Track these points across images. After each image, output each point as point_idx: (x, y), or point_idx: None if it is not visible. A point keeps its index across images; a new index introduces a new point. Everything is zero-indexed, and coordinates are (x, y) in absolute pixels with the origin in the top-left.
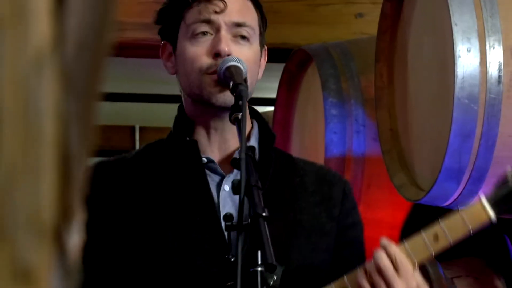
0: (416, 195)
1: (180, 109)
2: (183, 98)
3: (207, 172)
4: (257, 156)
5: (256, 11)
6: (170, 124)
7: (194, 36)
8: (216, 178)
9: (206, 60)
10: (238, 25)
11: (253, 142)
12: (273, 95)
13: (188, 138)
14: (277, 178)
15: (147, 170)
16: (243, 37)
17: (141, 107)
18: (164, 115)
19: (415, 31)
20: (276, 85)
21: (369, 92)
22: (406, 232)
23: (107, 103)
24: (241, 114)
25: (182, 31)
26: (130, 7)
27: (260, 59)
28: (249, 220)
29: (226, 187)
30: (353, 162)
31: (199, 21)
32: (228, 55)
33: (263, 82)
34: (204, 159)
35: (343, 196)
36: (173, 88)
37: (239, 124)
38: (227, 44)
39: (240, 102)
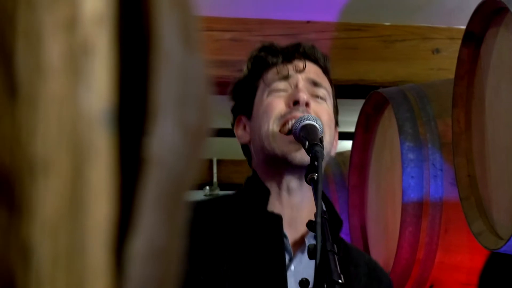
0: (495, 244)
1: (254, 172)
2: (255, 165)
3: None
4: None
5: (331, 85)
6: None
7: (271, 92)
8: (285, 256)
9: (282, 108)
10: (315, 83)
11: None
12: (350, 129)
13: (269, 210)
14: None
15: (223, 230)
16: (320, 97)
17: (218, 141)
18: (240, 149)
19: (492, 77)
20: (351, 119)
21: (446, 136)
22: (485, 277)
23: None
24: (317, 175)
25: (259, 93)
26: (206, 44)
27: (334, 128)
28: (325, 286)
29: (292, 267)
30: (430, 206)
31: (278, 78)
32: (307, 104)
33: (341, 116)
34: None
35: None
36: None
37: (315, 185)
38: (306, 94)
39: (316, 163)
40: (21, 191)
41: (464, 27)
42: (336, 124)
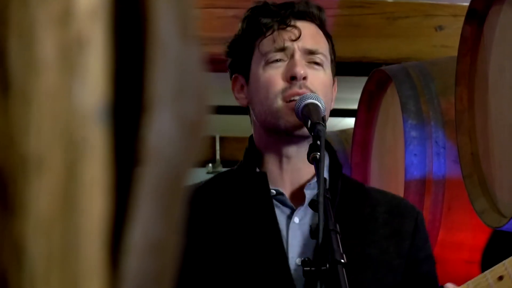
0: (498, 221)
1: (251, 140)
2: (253, 129)
3: (277, 204)
4: (327, 186)
5: (327, 40)
6: (248, 134)
7: (268, 63)
8: (286, 210)
9: (281, 84)
10: (311, 52)
11: (325, 173)
12: (353, 106)
13: (258, 170)
14: (346, 209)
15: (217, 201)
16: (316, 63)
17: (221, 118)
18: (243, 126)
19: (495, 55)
20: (355, 96)
21: (449, 114)
22: (488, 255)
23: None
24: (319, 154)
25: (255, 60)
26: (208, 22)
27: (332, 88)
28: (327, 266)
29: (296, 219)
30: (433, 184)
31: (274, 49)
32: (304, 78)
33: (344, 94)
34: (273, 191)
35: (415, 229)
36: None
37: (317, 164)
38: (303, 67)
39: (318, 142)
40: (14, 189)
41: (467, 4)
42: (334, 75)
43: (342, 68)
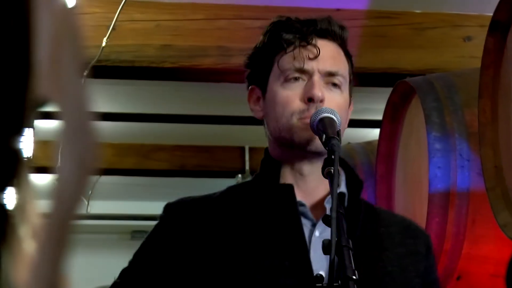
0: None
1: (266, 152)
2: (268, 142)
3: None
4: (346, 203)
5: (347, 60)
6: None
7: (286, 81)
8: (307, 223)
9: (298, 105)
10: (331, 74)
11: (343, 188)
12: (379, 117)
13: (281, 182)
14: (364, 227)
15: (234, 211)
16: (335, 85)
17: (250, 129)
18: None
19: None
20: (380, 107)
21: (473, 125)
22: None
23: (218, 126)
24: (333, 168)
25: (273, 75)
26: (235, 33)
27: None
28: (339, 282)
29: (317, 233)
30: (457, 197)
31: (294, 68)
32: (321, 100)
33: (369, 104)
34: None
35: (427, 251)
36: None
37: (331, 178)
38: (321, 90)
39: (333, 157)
40: None
41: None
42: (351, 95)
43: (369, 78)
